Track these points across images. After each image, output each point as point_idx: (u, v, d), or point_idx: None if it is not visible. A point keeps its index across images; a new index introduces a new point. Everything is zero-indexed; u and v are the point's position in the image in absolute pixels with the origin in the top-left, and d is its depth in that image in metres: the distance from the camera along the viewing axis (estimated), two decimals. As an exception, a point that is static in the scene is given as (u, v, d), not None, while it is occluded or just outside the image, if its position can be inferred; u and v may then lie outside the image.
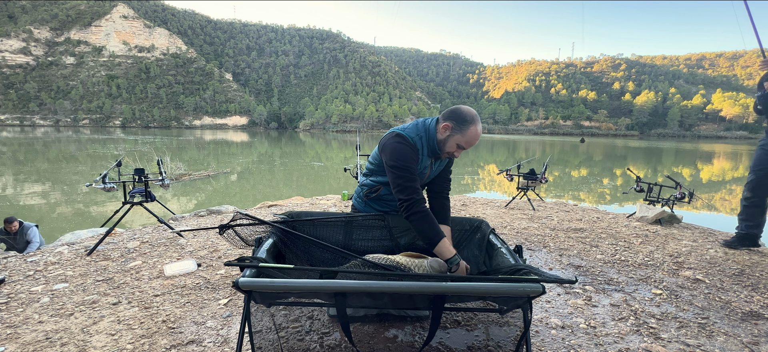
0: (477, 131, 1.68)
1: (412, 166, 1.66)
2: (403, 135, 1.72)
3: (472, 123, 1.67)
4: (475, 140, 1.69)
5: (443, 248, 1.54)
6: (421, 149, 1.72)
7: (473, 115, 1.69)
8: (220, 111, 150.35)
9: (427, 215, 1.60)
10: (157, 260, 2.57)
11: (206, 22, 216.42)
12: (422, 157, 1.74)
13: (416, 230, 1.62)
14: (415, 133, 1.74)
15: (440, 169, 1.91)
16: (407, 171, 1.65)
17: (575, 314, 1.88)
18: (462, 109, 1.70)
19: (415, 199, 1.61)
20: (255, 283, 1.10)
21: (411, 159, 1.67)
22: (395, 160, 1.66)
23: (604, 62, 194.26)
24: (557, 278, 1.07)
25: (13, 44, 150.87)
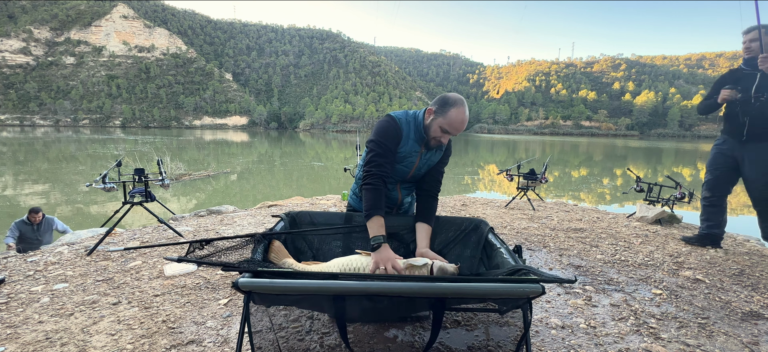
0: (459, 114, 1.64)
1: (389, 144, 1.69)
2: (392, 116, 1.76)
3: (453, 106, 1.65)
4: (458, 124, 1.65)
5: (373, 223, 1.55)
6: (407, 133, 1.74)
7: (456, 99, 1.66)
8: (220, 111, 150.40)
9: (376, 189, 1.62)
10: (157, 260, 2.57)
11: (206, 22, 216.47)
12: (408, 141, 1.75)
13: (363, 198, 1.65)
14: (404, 117, 1.77)
15: (431, 163, 1.87)
16: (382, 146, 1.69)
17: (575, 314, 1.88)
18: (447, 94, 1.69)
19: (375, 172, 1.65)
20: (254, 283, 1.10)
21: (390, 137, 1.70)
22: (375, 134, 1.72)
23: (604, 62, 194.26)
24: (556, 278, 1.07)
25: (13, 44, 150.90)
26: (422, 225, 1.78)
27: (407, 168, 1.84)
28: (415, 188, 1.97)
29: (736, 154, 2.89)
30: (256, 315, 1.69)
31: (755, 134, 2.75)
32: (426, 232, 1.77)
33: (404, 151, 1.77)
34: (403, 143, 1.75)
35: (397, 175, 1.89)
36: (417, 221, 1.82)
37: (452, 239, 1.88)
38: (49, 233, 4.36)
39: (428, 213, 1.82)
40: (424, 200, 1.87)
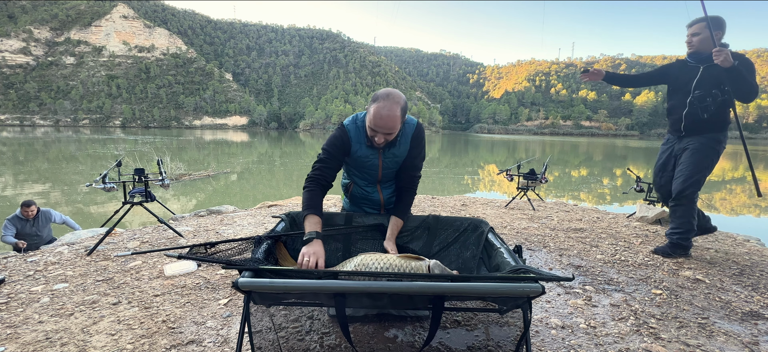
0: (378, 110, 1.59)
1: (332, 152, 1.76)
2: (343, 125, 1.81)
3: (374, 102, 1.62)
4: (377, 119, 1.59)
5: (308, 222, 1.57)
6: (356, 138, 1.77)
7: (379, 95, 1.62)
8: (220, 111, 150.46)
9: (311, 191, 1.68)
10: (157, 260, 2.57)
11: (206, 22, 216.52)
12: (360, 146, 1.78)
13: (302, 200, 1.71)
14: (353, 122, 1.80)
15: (399, 159, 1.84)
16: (326, 153, 1.76)
17: (575, 314, 1.88)
18: (383, 89, 1.66)
19: (312, 176, 1.72)
20: (254, 283, 1.10)
21: (336, 146, 1.77)
22: (325, 143, 1.80)
23: (604, 62, 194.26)
24: (554, 277, 1.07)
25: (13, 44, 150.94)
26: (392, 218, 1.82)
27: (373, 169, 1.86)
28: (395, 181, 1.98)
29: (677, 150, 2.82)
30: (256, 315, 1.69)
31: (691, 129, 2.70)
32: (393, 224, 1.80)
33: (361, 155, 1.80)
34: (355, 149, 1.79)
35: (369, 177, 1.92)
36: (391, 214, 1.85)
37: (452, 240, 1.88)
38: (47, 227, 4.15)
39: (400, 206, 1.85)
40: (398, 193, 1.91)
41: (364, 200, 2.00)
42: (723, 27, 2.61)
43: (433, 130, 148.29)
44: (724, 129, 2.64)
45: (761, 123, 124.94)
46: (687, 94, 2.69)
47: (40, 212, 4.10)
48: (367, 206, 2.02)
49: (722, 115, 2.60)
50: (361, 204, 2.03)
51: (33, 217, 4.03)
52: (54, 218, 4.20)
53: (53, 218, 4.19)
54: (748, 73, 2.48)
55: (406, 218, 1.85)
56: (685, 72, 2.73)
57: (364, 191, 1.97)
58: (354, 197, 2.03)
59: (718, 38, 2.58)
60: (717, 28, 2.59)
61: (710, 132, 2.64)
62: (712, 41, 2.54)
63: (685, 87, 2.71)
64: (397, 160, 1.85)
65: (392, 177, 1.95)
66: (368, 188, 1.96)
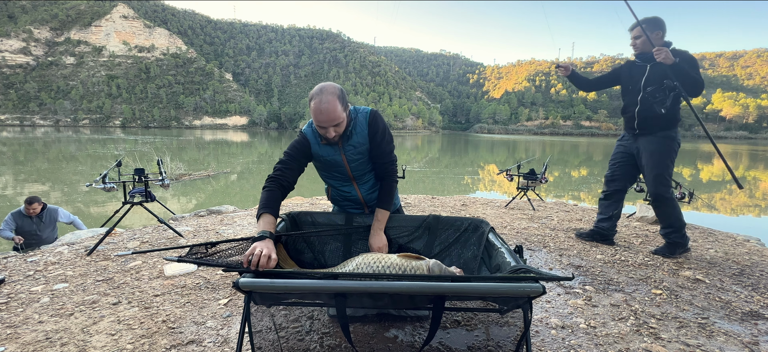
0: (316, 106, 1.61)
1: (293, 153, 1.80)
2: (302, 131, 1.86)
3: (310, 101, 1.65)
4: (317, 115, 1.62)
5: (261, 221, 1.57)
6: (313, 140, 1.81)
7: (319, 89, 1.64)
8: (220, 111, 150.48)
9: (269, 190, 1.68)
10: (157, 260, 2.57)
11: (206, 22, 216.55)
12: (318, 146, 1.81)
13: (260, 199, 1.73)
14: (309, 127, 1.83)
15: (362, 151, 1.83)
16: (286, 155, 1.81)
17: (575, 314, 1.88)
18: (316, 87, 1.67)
19: (272, 176, 1.75)
20: (255, 283, 1.10)
21: (295, 148, 1.81)
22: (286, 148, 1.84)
23: (604, 62, 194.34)
24: (554, 276, 1.07)
25: (13, 44, 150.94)
26: (379, 211, 1.83)
27: (340, 166, 1.87)
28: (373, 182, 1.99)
29: (632, 148, 2.91)
30: (256, 315, 1.69)
31: (644, 126, 2.78)
32: (377, 216, 1.82)
33: (323, 154, 1.82)
34: (315, 149, 1.82)
35: (340, 176, 1.92)
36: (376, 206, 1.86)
37: (453, 240, 1.88)
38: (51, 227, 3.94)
39: (381, 197, 1.86)
40: (380, 185, 1.91)
41: (344, 200, 2.00)
42: (662, 26, 2.71)
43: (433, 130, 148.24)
44: (674, 126, 2.74)
45: (761, 123, 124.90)
46: (638, 92, 2.80)
47: (45, 210, 3.92)
48: (349, 206, 2.01)
49: (674, 112, 2.70)
50: (343, 205, 2.02)
51: (36, 214, 3.87)
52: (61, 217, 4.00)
53: (60, 217, 4.00)
54: (691, 68, 2.58)
55: (389, 207, 1.84)
56: (635, 72, 2.86)
57: (341, 192, 1.97)
58: (335, 199, 2.04)
59: (659, 38, 2.70)
60: (656, 29, 2.71)
61: (663, 130, 2.72)
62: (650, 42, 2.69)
63: (635, 85, 2.82)
64: (360, 151, 1.83)
65: (366, 171, 1.92)
66: (344, 187, 1.95)
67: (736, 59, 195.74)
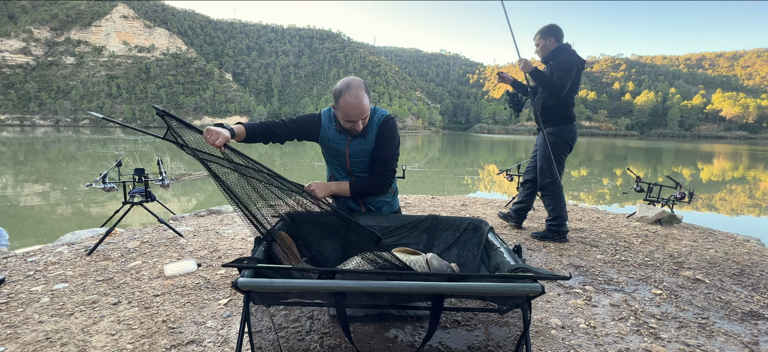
0: (351, 97, 1.64)
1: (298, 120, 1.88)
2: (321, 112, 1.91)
3: (340, 95, 1.68)
4: (349, 109, 1.66)
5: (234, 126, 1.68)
6: (326, 124, 1.86)
7: (343, 86, 1.67)
8: (220, 111, 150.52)
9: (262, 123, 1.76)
10: (157, 260, 2.57)
11: (206, 22, 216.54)
12: (328, 131, 1.85)
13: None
14: (327, 112, 1.89)
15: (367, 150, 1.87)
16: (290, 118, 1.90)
17: (575, 314, 1.88)
18: (340, 82, 1.72)
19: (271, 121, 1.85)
20: (254, 283, 1.09)
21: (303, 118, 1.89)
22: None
23: (604, 62, 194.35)
24: (552, 275, 1.07)
25: (13, 44, 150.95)
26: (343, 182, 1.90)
27: (340, 156, 1.90)
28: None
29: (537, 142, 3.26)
30: (256, 315, 1.69)
31: (538, 124, 3.12)
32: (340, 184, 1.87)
33: (330, 137, 1.86)
34: (324, 130, 1.86)
35: (339, 166, 1.96)
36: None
37: (453, 240, 1.88)
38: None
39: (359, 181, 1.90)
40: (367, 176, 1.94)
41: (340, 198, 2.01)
42: (553, 33, 3.03)
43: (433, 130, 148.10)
44: (557, 124, 3.02)
45: (761, 123, 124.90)
46: (535, 93, 3.20)
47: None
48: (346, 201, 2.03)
49: (555, 110, 3.00)
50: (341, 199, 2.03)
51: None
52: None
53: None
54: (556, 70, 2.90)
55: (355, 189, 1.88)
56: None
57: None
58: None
59: (551, 43, 3.02)
60: (549, 35, 3.04)
61: (548, 126, 3.04)
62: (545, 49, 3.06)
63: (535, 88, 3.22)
64: (364, 149, 1.85)
65: (363, 170, 1.94)
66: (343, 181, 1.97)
67: (736, 59, 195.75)
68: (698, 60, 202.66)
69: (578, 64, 2.92)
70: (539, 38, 3.06)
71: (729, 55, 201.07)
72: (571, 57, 2.90)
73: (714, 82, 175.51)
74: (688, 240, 3.37)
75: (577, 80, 2.97)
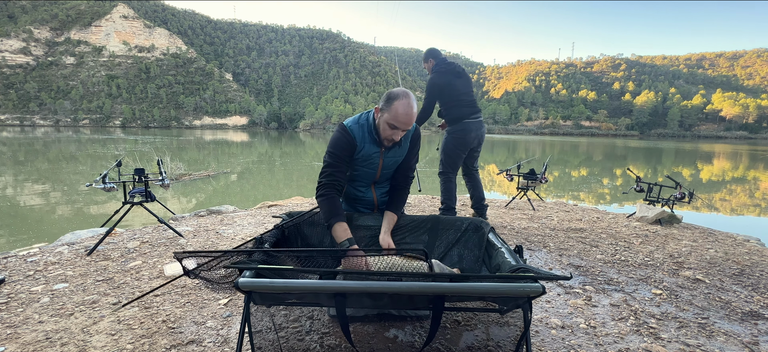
0: (404, 106, 1.63)
1: (340, 154, 1.75)
2: (344, 126, 1.80)
3: (398, 98, 1.65)
4: (403, 117, 1.64)
5: (337, 230, 1.58)
6: (360, 138, 1.78)
7: (400, 92, 1.66)
8: (220, 111, 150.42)
9: (330, 198, 1.66)
10: (157, 260, 2.57)
11: (206, 22, 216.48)
12: (364, 145, 1.78)
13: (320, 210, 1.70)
14: (356, 123, 1.80)
15: (398, 160, 1.89)
16: (333, 156, 1.75)
17: (575, 314, 1.88)
18: (393, 89, 1.70)
19: (325, 182, 1.70)
20: (254, 283, 1.09)
21: (341, 147, 1.75)
22: (329, 146, 1.78)
23: (604, 62, 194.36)
24: (552, 275, 1.07)
25: (13, 44, 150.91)
26: (387, 213, 1.83)
27: (373, 170, 1.87)
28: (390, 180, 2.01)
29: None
30: (256, 315, 1.69)
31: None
32: (388, 219, 1.82)
33: (364, 155, 1.81)
34: (359, 149, 1.79)
35: (366, 177, 1.92)
36: (385, 209, 1.86)
37: (454, 240, 1.88)
38: None
39: (394, 202, 1.87)
40: (393, 190, 1.93)
41: (357, 200, 2.01)
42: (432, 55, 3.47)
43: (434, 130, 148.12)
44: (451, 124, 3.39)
45: (761, 123, 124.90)
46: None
47: None
48: (360, 205, 2.03)
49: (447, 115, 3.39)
50: (355, 204, 2.04)
51: None
52: None
53: None
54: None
55: (401, 214, 1.88)
56: None
57: (358, 192, 1.98)
58: (347, 197, 2.04)
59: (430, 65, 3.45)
60: (429, 58, 3.47)
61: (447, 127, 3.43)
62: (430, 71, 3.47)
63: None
64: (396, 160, 1.89)
65: (388, 178, 1.97)
66: (363, 188, 1.97)
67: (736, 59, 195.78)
68: (698, 60, 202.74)
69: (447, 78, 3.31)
70: (424, 63, 3.57)
71: (729, 55, 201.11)
72: (435, 78, 3.32)
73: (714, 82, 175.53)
74: (688, 240, 3.37)
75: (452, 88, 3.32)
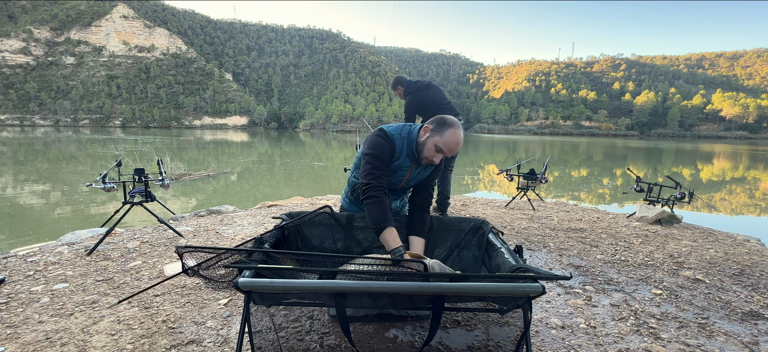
0: (456, 135, 1.68)
1: (383, 157, 1.73)
2: (385, 131, 1.79)
3: (451, 127, 1.69)
4: (453, 144, 1.68)
5: (387, 236, 1.55)
6: (400, 148, 1.77)
7: (455, 122, 1.71)
8: (220, 111, 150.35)
9: (380, 201, 1.63)
10: (157, 260, 2.57)
11: (206, 22, 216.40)
12: (400, 156, 1.78)
13: (367, 213, 1.65)
14: (398, 133, 1.79)
15: (422, 177, 1.90)
16: (377, 159, 1.72)
17: (575, 314, 1.88)
18: (446, 116, 1.73)
19: (374, 184, 1.67)
20: (254, 283, 1.09)
21: (384, 151, 1.73)
22: (369, 148, 1.74)
23: (604, 62, 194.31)
24: (552, 275, 1.07)
25: (13, 44, 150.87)
26: (415, 239, 1.81)
27: (397, 180, 1.87)
28: (409, 200, 1.99)
29: None
30: (256, 315, 1.69)
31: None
32: (420, 244, 1.80)
33: (396, 165, 1.81)
34: (396, 158, 1.79)
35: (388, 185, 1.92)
36: (410, 233, 1.83)
37: (454, 240, 1.88)
38: None
39: (421, 225, 1.85)
40: (417, 212, 1.88)
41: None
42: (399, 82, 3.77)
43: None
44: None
45: (761, 123, 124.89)
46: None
47: None
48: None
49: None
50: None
51: None
52: None
53: None
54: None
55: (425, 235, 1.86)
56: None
57: None
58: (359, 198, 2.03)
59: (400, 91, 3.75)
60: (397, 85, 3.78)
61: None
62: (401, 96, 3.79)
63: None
64: (420, 177, 1.90)
65: (406, 190, 1.98)
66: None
67: (736, 59, 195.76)
68: (698, 60, 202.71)
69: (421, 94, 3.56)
70: (394, 90, 3.84)
71: (729, 55, 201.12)
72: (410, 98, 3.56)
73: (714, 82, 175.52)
74: (688, 240, 3.37)
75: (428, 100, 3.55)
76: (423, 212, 1.88)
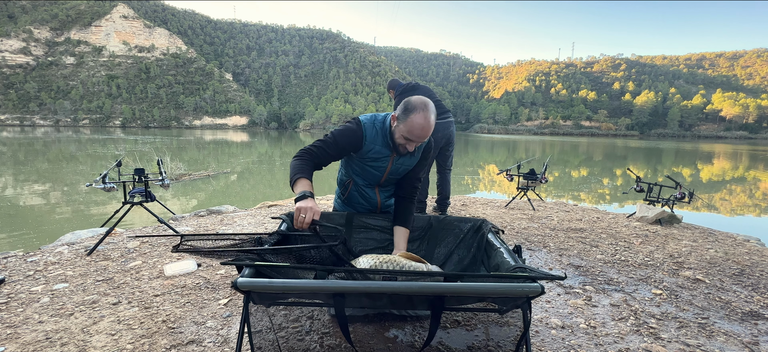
0: (419, 119, 1.57)
1: (340, 142, 1.72)
2: (359, 119, 1.78)
3: (413, 111, 1.59)
4: (418, 130, 1.58)
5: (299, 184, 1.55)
6: (372, 136, 1.75)
7: (418, 104, 1.60)
8: (220, 111, 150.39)
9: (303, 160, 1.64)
10: (157, 260, 2.57)
11: (206, 22, 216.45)
12: (374, 145, 1.76)
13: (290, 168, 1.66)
14: (371, 122, 1.77)
15: (407, 168, 1.87)
16: (332, 138, 1.72)
17: (575, 314, 1.88)
18: (411, 99, 1.64)
19: (309, 150, 1.69)
20: (253, 283, 1.09)
21: (345, 136, 1.73)
22: (336, 129, 1.76)
23: (604, 62, 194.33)
24: (547, 275, 1.08)
25: (13, 44, 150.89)
26: (399, 229, 1.80)
27: (379, 172, 1.85)
28: (394, 192, 1.98)
29: None
30: (255, 315, 1.69)
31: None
32: (403, 235, 1.79)
33: (373, 154, 1.79)
34: (368, 148, 1.76)
35: (371, 178, 1.90)
36: (395, 224, 1.83)
37: (454, 240, 1.88)
38: None
39: (405, 216, 1.83)
40: (400, 203, 1.88)
41: (362, 200, 2.00)
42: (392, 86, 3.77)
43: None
44: None
45: (761, 123, 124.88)
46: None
47: None
48: (362, 207, 2.02)
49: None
50: (357, 206, 2.03)
51: None
52: None
53: None
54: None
55: (410, 226, 1.85)
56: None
57: (362, 192, 1.97)
58: (351, 196, 2.02)
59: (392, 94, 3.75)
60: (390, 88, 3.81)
61: None
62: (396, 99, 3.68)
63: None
64: (405, 168, 1.86)
65: (393, 182, 1.95)
66: (367, 189, 1.96)
67: (736, 59, 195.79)
68: (698, 60, 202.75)
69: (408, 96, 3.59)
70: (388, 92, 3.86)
71: (729, 55, 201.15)
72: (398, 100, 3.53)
73: (714, 82, 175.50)
74: (688, 240, 3.37)
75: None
76: (406, 203, 1.86)
